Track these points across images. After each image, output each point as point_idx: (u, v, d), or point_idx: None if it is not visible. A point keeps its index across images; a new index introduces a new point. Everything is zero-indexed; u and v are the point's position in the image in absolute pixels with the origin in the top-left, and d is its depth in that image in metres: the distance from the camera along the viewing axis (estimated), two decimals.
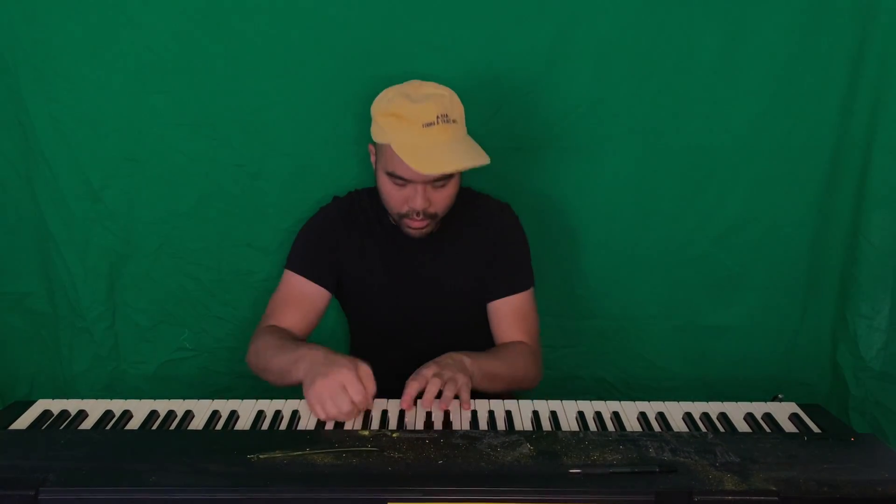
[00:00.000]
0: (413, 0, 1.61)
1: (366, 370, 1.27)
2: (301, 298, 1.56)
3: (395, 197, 1.46)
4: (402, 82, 1.59)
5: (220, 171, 1.73)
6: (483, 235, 1.59)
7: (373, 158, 1.52)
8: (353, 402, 1.23)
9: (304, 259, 1.58)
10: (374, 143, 1.48)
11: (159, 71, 1.65)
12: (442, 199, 1.47)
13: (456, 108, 1.44)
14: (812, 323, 1.86)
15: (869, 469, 1.10)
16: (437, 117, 1.38)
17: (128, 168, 1.72)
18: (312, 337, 1.82)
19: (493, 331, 1.60)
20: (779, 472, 1.07)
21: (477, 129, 1.68)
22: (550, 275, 1.67)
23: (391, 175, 1.43)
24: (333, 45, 1.65)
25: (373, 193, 1.58)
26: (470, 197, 1.63)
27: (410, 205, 1.44)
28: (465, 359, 1.39)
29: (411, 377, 1.32)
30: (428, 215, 1.46)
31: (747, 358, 1.89)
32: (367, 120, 1.51)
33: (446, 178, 1.43)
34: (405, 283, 1.59)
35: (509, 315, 1.58)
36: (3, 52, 1.63)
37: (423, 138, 1.38)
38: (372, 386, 1.27)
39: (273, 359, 1.42)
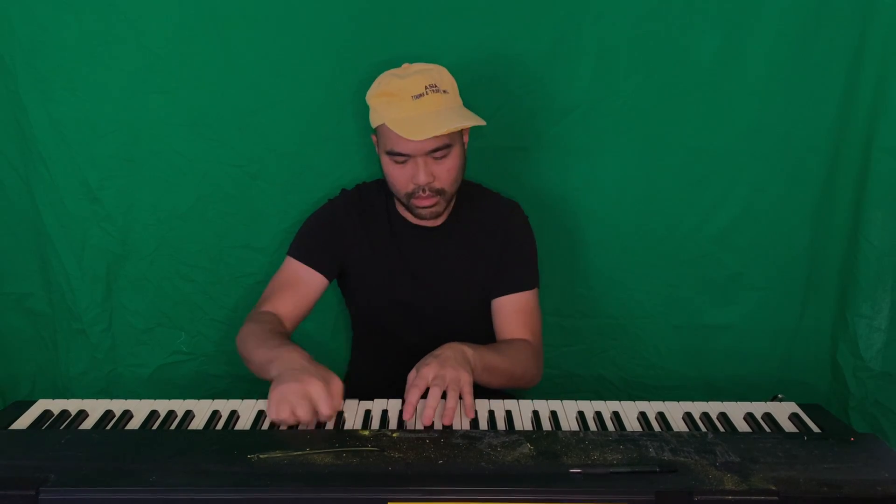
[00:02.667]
0: (413, 1, 1.61)
1: (338, 386, 1.26)
2: (297, 283, 1.56)
3: (398, 177, 1.46)
4: None
5: (218, 171, 1.73)
6: (491, 232, 1.60)
7: (377, 149, 1.52)
8: (313, 413, 1.22)
9: (305, 245, 1.58)
10: (374, 131, 1.49)
11: (157, 71, 1.65)
12: (445, 172, 1.46)
13: (446, 80, 1.45)
14: (812, 322, 1.86)
15: (869, 469, 1.10)
16: (426, 87, 1.40)
17: (125, 169, 1.72)
18: (315, 329, 1.81)
19: (497, 328, 1.61)
20: (779, 471, 1.07)
21: (477, 129, 1.68)
22: (550, 274, 1.67)
23: (390, 154, 1.44)
24: (332, 44, 1.64)
25: (381, 186, 1.59)
26: (479, 193, 1.63)
27: (414, 181, 1.44)
28: (468, 350, 1.38)
29: (411, 379, 1.31)
30: (434, 190, 1.45)
31: (747, 357, 1.89)
32: (366, 120, 1.51)
33: (445, 147, 1.42)
34: (410, 275, 1.59)
35: (513, 313, 1.58)
36: (2, 53, 1.63)
37: (414, 110, 1.40)
38: (340, 403, 1.26)
39: (255, 350, 1.40)
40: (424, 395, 1.27)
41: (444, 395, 1.27)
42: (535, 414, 1.32)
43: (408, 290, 1.60)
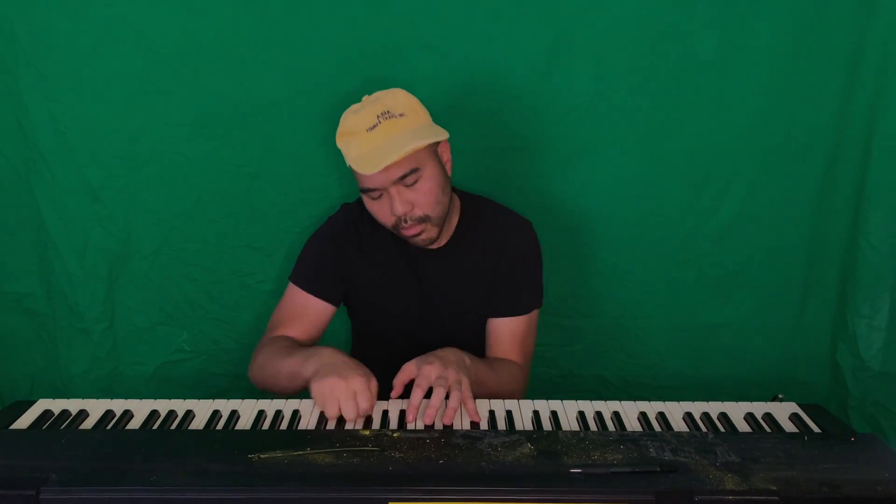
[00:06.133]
0: (413, 0, 1.61)
1: (375, 385, 1.28)
2: (304, 313, 1.55)
3: (378, 212, 1.44)
4: (400, 83, 1.59)
5: (219, 171, 1.73)
6: (495, 252, 1.56)
7: None
8: (357, 411, 1.24)
9: (309, 274, 1.56)
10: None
11: (159, 71, 1.65)
12: (422, 197, 1.41)
13: (402, 104, 1.40)
14: (811, 322, 1.86)
15: (869, 469, 1.10)
16: (378, 116, 1.37)
17: (127, 168, 1.72)
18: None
19: (488, 345, 1.59)
20: (779, 471, 1.07)
21: (477, 130, 1.69)
22: (550, 274, 1.67)
23: (364, 191, 1.42)
24: (333, 45, 1.64)
25: None
26: (487, 211, 1.60)
27: (393, 212, 1.40)
28: (466, 358, 1.38)
29: (410, 373, 1.31)
30: (417, 219, 1.42)
31: (747, 357, 1.89)
32: None
33: (413, 172, 1.38)
34: (411, 293, 1.58)
35: (506, 336, 1.57)
36: (3, 53, 1.63)
37: (369, 143, 1.36)
38: (375, 401, 1.28)
39: (283, 361, 1.40)
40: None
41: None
42: (536, 414, 1.32)
43: (409, 308, 1.59)
